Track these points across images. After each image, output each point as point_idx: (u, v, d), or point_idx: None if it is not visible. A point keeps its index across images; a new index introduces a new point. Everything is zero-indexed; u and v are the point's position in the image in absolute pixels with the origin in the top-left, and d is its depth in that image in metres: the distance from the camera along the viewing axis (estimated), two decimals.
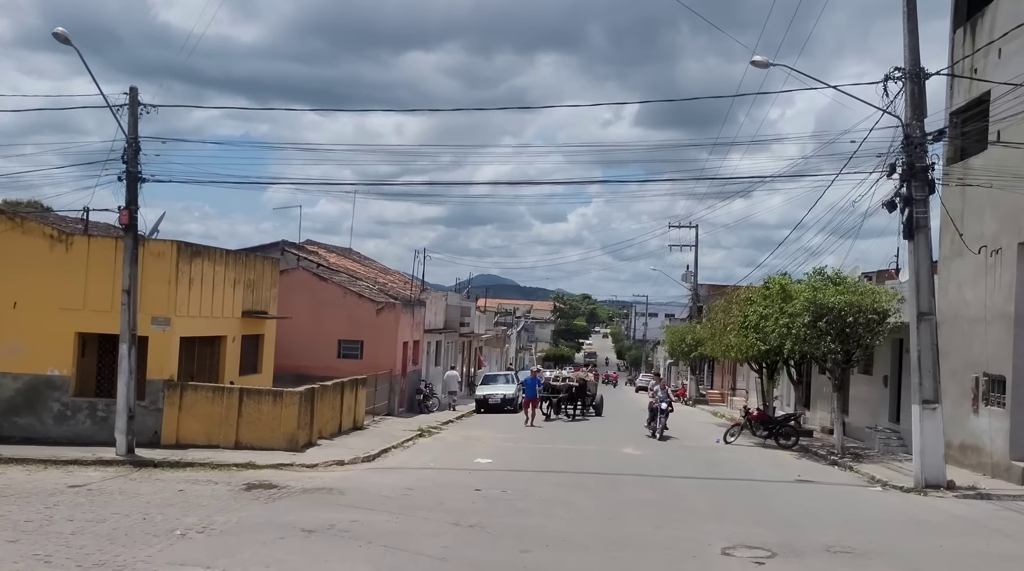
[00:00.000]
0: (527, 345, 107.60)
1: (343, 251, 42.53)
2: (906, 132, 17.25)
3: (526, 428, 26.48)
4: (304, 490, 14.50)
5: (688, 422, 34.57)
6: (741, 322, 25.74)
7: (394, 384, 29.40)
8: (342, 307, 29.42)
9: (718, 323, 30.21)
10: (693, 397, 52.57)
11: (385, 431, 24.54)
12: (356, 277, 33.89)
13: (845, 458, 21.48)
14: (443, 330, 37.79)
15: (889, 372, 24.64)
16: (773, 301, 23.32)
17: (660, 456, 21.07)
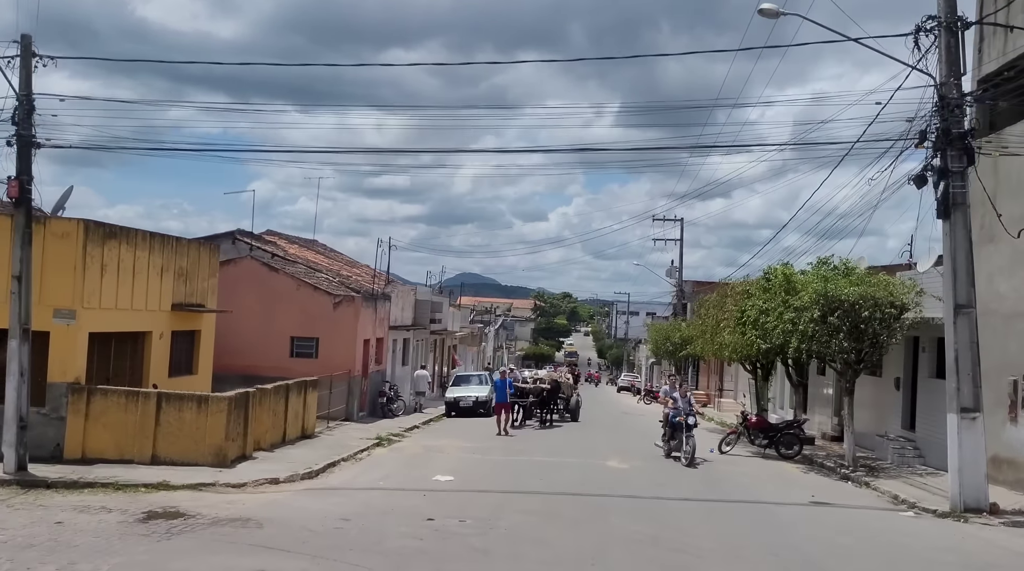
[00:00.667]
0: (506, 344, 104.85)
1: (307, 242, 39.62)
2: (940, 92, 14.67)
3: (497, 437, 23.70)
4: (215, 521, 11.69)
5: None
6: (738, 318, 23.13)
7: (353, 386, 26.60)
8: (295, 301, 26.57)
9: (709, 320, 27.60)
10: None
11: (338, 440, 21.72)
12: (315, 269, 31.01)
13: (858, 471, 18.91)
14: (411, 327, 34.98)
15: (902, 374, 22.09)
16: (775, 294, 20.71)
17: (651, 471, 18.40)
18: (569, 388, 29.75)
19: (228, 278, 26.27)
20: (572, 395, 30.01)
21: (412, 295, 35.69)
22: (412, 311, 35.56)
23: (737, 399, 44.58)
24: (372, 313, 28.70)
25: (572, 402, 30.01)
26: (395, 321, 32.28)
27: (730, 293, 25.75)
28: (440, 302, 40.13)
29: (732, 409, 44.04)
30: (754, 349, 21.96)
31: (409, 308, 35.05)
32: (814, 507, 14.52)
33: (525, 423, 27.28)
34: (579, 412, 30.60)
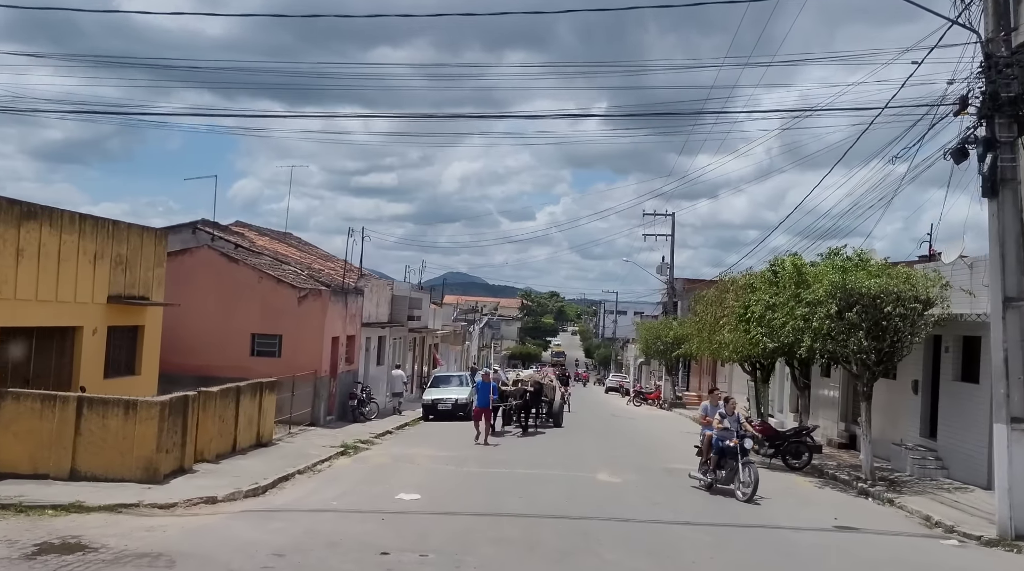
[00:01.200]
0: (492, 343, 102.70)
1: (279, 235, 37.29)
2: (986, 51, 12.64)
3: (475, 446, 21.52)
4: (118, 557, 9.50)
5: (670, 431, 29.92)
6: (741, 314, 21.05)
7: (320, 387, 24.39)
8: (257, 295, 24.34)
9: (708, 317, 25.53)
10: (669, 400, 48.02)
11: (298, 448, 19.53)
12: (283, 261, 28.75)
13: (877, 486, 16.88)
14: (388, 324, 32.79)
15: (921, 376, 20.08)
16: (784, 287, 18.64)
17: (645, 486, 16.28)
18: (552, 390, 27.39)
19: (182, 269, 24.07)
20: (556, 398, 27.75)
21: (388, 290, 33.50)
22: (388, 307, 33.37)
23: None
24: (342, 308, 26.49)
25: (556, 405, 27.64)
26: (369, 318, 30.08)
27: (731, 288, 23.68)
28: (419, 298, 37.92)
29: None
30: (759, 349, 19.89)
31: (385, 304, 32.85)
32: (840, 533, 12.43)
33: (505, 429, 25.17)
34: (563, 417, 28.31)
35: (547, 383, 27.09)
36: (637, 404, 48.16)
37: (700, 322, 26.76)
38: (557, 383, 28.73)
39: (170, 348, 23.52)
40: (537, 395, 25.73)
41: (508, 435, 24.49)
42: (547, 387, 26.84)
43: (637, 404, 48.16)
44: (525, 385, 25.29)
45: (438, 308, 49.81)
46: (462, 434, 23.44)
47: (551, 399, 27.24)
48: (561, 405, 28.41)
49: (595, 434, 26.84)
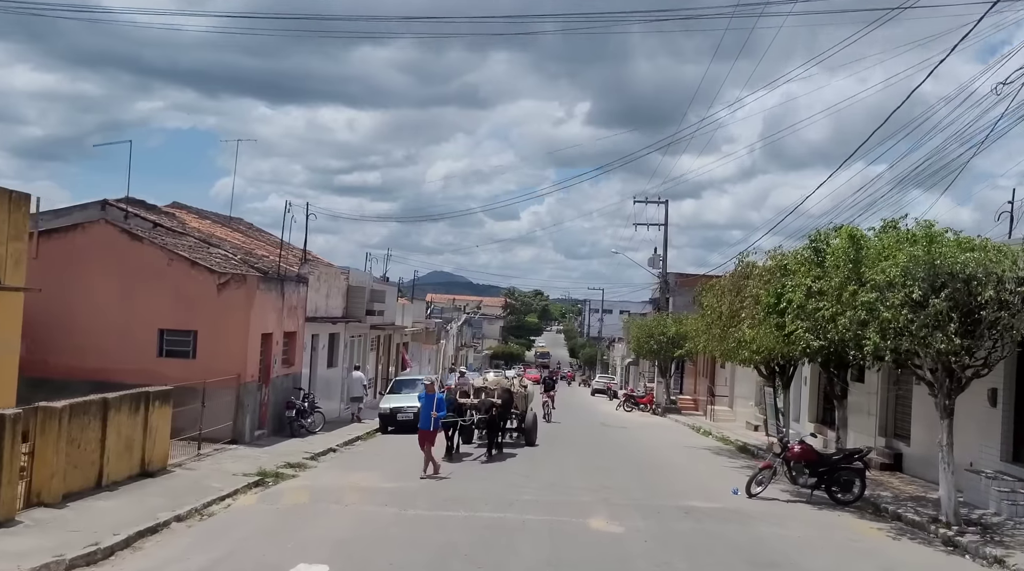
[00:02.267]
0: (472, 342, 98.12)
1: (222, 219, 32.45)
2: None
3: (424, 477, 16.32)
4: None
5: (670, 445, 25.45)
6: (771, 305, 16.54)
7: (244, 396, 19.73)
8: (167, 281, 19.66)
9: (720, 309, 21.03)
10: (663, 405, 43.59)
11: (195, 480, 14.90)
12: (213, 244, 24.04)
13: (968, 533, 12.47)
14: (341, 319, 28.17)
15: (1002, 384, 15.67)
16: (835, 269, 14.15)
17: (660, 540, 11.69)
18: (523, 400, 22.01)
19: (72, 250, 19.49)
20: (527, 409, 22.52)
21: (343, 280, 28.83)
22: (343, 300, 28.72)
23: (734, 407, 38.21)
24: (277, 299, 21.84)
25: (528, 420, 22.28)
26: (317, 311, 25.45)
27: (753, 273, 19.22)
28: (382, 291, 33.30)
29: (727, 419, 37.69)
30: (799, 347, 15.34)
31: (339, 296, 28.21)
32: None
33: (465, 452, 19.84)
34: (536, 432, 22.87)
35: (517, 391, 21.58)
36: (628, 409, 43.73)
37: (709, 317, 22.26)
38: (534, 389, 23.81)
39: (56, 347, 18.94)
40: (506, 407, 20.34)
41: (469, 459, 19.27)
42: (517, 396, 21.37)
43: (628, 409, 43.73)
44: (491, 395, 20.04)
45: (408, 303, 45.19)
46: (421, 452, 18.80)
47: (522, 410, 21.99)
48: (535, 419, 23.12)
49: (583, 451, 22.28)
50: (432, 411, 16.91)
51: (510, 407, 20.74)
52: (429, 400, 17.12)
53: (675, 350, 42.68)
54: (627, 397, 45.10)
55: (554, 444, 22.94)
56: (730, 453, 23.96)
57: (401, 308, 41.29)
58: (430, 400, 17.08)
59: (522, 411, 21.99)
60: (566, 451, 21.71)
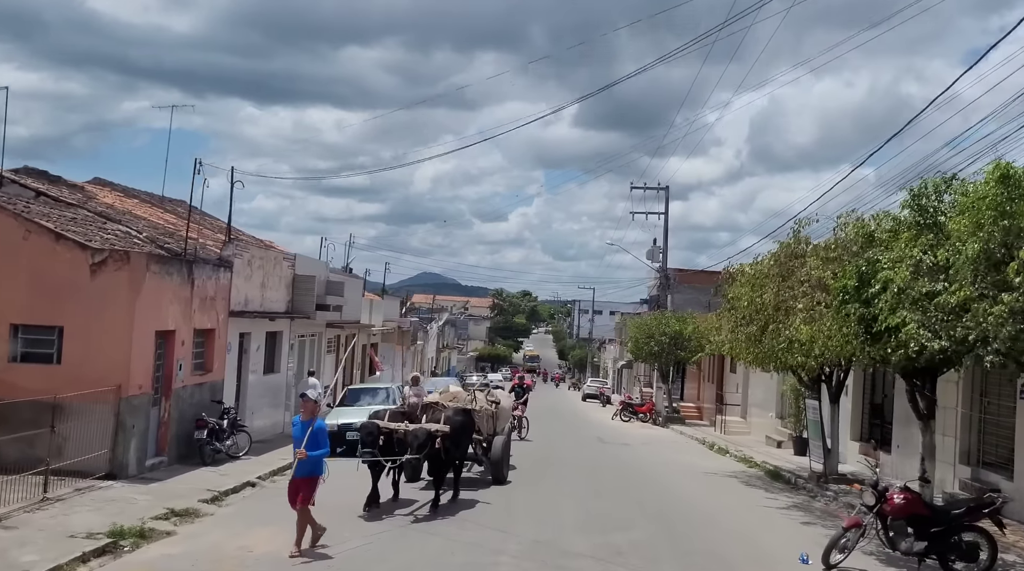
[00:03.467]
0: (456, 344, 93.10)
1: (155, 199, 27.28)
2: None
3: (295, 556, 10.20)
4: None
5: (686, 469, 20.52)
6: (850, 290, 11.56)
7: (128, 413, 14.72)
8: (21, 260, 14.67)
9: (762, 300, 16.03)
10: (663, 415, 38.72)
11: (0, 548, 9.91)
12: (109, 218, 18.95)
13: None
14: (285, 314, 23.21)
15: None
16: (980, 229, 9.21)
17: None
18: (490, 421, 15.81)
19: None
20: (497, 431, 16.15)
21: (287, 267, 23.78)
22: (287, 291, 23.73)
23: (748, 417, 33.39)
24: (183, 286, 16.82)
25: (495, 450, 15.86)
26: (247, 304, 20.45)
27: (812, 252, 14.33)
28: (339, 283, 28.28)
29: (741, 431, 32.85)
30: (906, 350, 10.35)
31: (281, 286, 23.20)
32: None
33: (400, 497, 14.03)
34: (507, 465, 16.59)
35: (482, 410, 15.41)
36: (625, 419, 38.83)
37: (741, 311, 17.30)
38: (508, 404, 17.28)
39: None
40: (460, 435, 13.95)
41: (411, 509, 13.28)
42: (482, 415, 15.37)
43: (625, 419, 38.83)
44: (441, 411, 13.99)
45: (377, 299, 40.20)
46: (367, 488, 13.69)
47: (490, 433, 15.87)
48: (505, 447, 16.40)
49: (578, 484, 16.94)
50: (304, 443, 10.46)
51: (467, 434, 14.50)
52: (303, 428, 10.66)
53: (679, 352, 37.96)
54: (624, 405, 40.20)
55: (539, 474, 17.88)
56: (762, 482, 19.10)
57: (369, 304, 36.30)
58: (304, 429, 10.65)
59: (488, 435, 15.92)
60: (555, 485, 16.58)
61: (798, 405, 25.16)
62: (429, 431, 13.10)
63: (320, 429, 10.66)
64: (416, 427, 13.25)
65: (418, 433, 13.02)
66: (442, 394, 15.75)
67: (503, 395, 17.68)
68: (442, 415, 13.89)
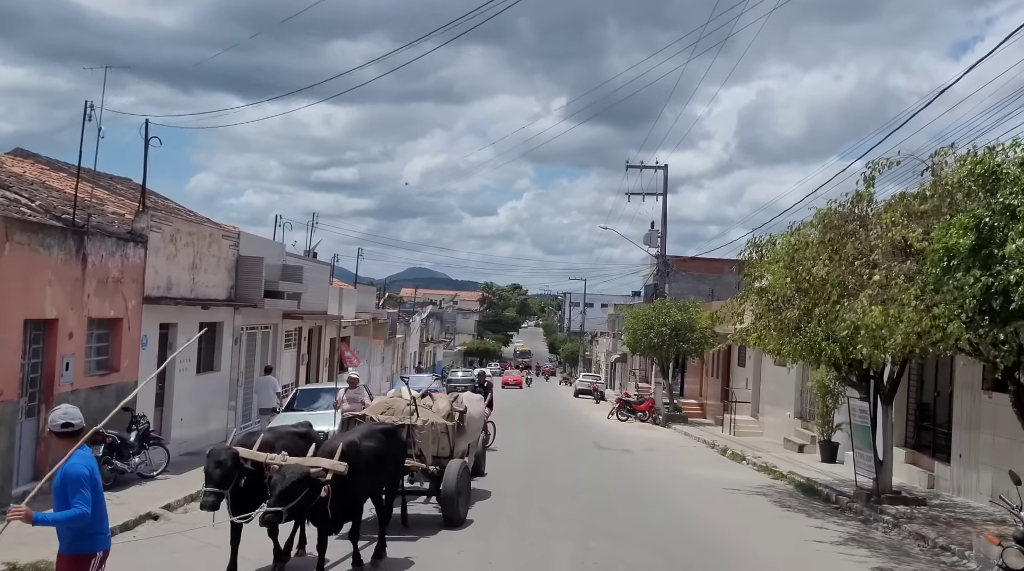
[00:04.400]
0: (443, 338, 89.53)
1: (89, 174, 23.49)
2: None
3: None
4: None
5: (701, 484, 17.00)
6: (965, 255, 8.06)
7: None
8: None
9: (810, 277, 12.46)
10: (664, 413, 35.29)
11: None
12: (4, 186, 15.38)
13: None
14: (225, 302, 19.67)
15: None
16: None
17: None
18: (444, 436, 11.84)
19: None
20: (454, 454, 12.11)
21: (228, 247, 20.17)
22: (229, 275, 20.16)
23: (760, 416, 29.98)
24: (69, 264, 13.27)
25: (448, 479, 11.33)
26: (170, 288, 16.89)
27: (890, 206, 10.87)
28: (298, 268, 24.71)
29: (752, 432, 29.44)
30: None
31: (220, 269, 19.63)
32: None
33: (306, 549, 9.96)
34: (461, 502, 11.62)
35: (429, 425, 11.59)
36: (623, 418, 35.40)
37: (776, 291, 13.80)
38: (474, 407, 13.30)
39: None
40: (372, 471, 9.11)
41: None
42: (428, 433, 11.52)
43: (623, 418, 35.40)
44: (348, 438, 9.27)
45: (349, 288, 36.64)
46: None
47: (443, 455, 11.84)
48: (461, 475, 11.57)
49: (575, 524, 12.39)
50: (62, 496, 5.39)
51: (382, 468, 9.47)
52: (62, 485, 5.37)
53: (682, 344, 34.57)
54: (621, 403, 36.72)
55: (521, 501, 14.26)
56: (799, 502, 15.67)
57: (338, 293, 32.75)
58: (63, 483, 5.37)
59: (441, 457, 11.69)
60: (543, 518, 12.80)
61: (825, 404, 21.80)
62: (305, 471, 8.15)
63: (75, 477, 5.33)
64: (289, 464, 8.33)
65: (287, 472, 8.11)
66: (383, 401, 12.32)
67: (474, 401, 13.74)
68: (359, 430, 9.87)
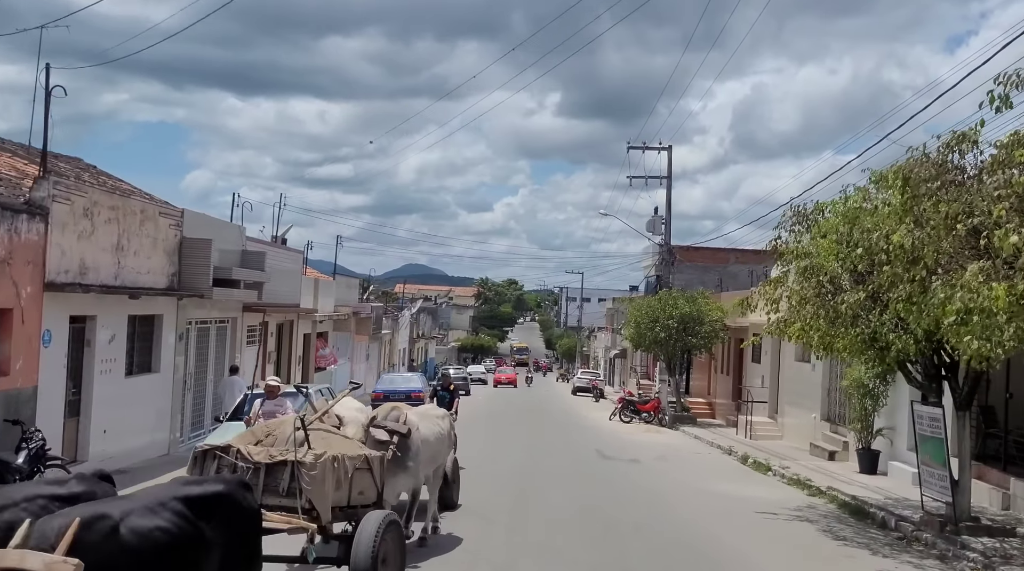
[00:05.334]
0: (436, 333, 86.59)
1: (30, 154, 20.57)
2: None
3: None
4: None
5: (727, 506, 13.97)
6: None
7: None
8: None
9: (882, 250, 9.48)
10: (670, 413, 32.40)
11: None
12: None
13: None
14: (166, 291, 16.71)
15: None
16: None
17: None
18: (341, 476, 7.49)
19: None
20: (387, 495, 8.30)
21: (168, 227, 17.16)
22: (170, 260, 17.19)
23: (780, 417, 27.10)
24: None
25: (363, 542, 6.97)
26: (84, 273, 13.93)
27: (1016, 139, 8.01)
28: (259, 253, 21.77)
29: (771, 434, 26.54)
30: None
31: (158, 252, 16.65)
32: None
33: None
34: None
35: (314, 462, 7.21)
36: (626, 419, 32.51)
37: (827, 270, 10.89)
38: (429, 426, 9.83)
39: None
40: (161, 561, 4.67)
41: None
42: (312, 472, 7.15)
43: (626, 419, 32.51)
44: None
45: (327, 279, 33.68)
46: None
47: (349, 507, 7.74)
48: (384, 531, 7.13)
49: None
50: None
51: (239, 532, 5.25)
52: None
53: (690, 339, 31.68)
54: (624, 403, 33.80)
55: (511, 539, 11.24)
56: (853, 531, 12.75)
57: (313, 284, 29.80)
58: None
59: (346, 509, 7.80)
60: None
61: (864, 407, 18.96)
62: None
63: None
64: None
65: None
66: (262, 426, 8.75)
67: (427, 418, 10.00)
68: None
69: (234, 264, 20.12)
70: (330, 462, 7.36)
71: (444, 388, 17.10)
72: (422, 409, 10.61)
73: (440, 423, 10.26)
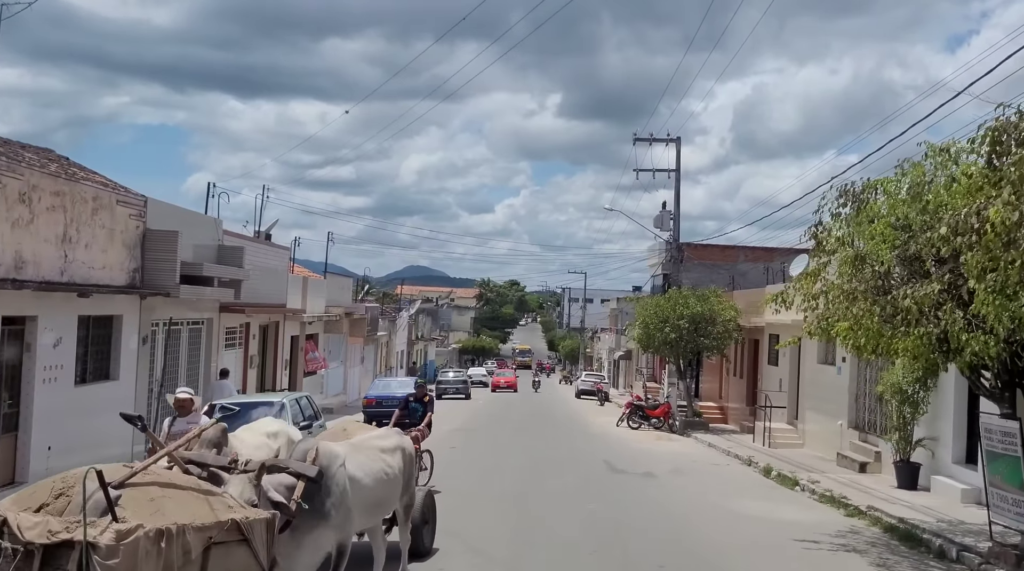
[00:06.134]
0: (436, 335, 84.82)
1: None
2: None
3: None
4: None
5: (760, 536, 12.15)
6: None
7: None
8: None
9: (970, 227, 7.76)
10: (681, 419, 30.60)
11: None
12: None
13: None
14: (125, 289, 14.96)
15: None
16: None
17: None
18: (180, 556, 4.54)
19: None
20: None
21: (125, 215, 15.38)
22: (131, 254, 15.42)
23: (800, 423, 25.27)
24: None
25: None
26: (18, 267, 12.16)
27: None
28: (237, 248, 20.00)
29: (791, 442, 24.68)
30: None
31: (114, 245, 14.89)
32: None
33: None
34: None
35: (110, 543, 4.24)
36: (634, 425, 30.71)
37: (881, 259, 9.12)
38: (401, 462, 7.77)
39: None
40: None
41: None
42: (116, 557, 4.20)
43: (634, 425, 30.71)
44: None
45: (317, 277, 31.91)
46: None
47: None
48: None
49: None
50: None
51: None
52: None
53: (702, 340, 29.89)
54: (633, 408, 31.97)
55: None
56: (909, 562, 10.95)
57: (301, 283, 28.03)
58: None
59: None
60: None
61: (901, 415, 17.14)
62: None
63: None
64: None
65: None
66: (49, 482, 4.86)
67: (370, 448, 7.57)
68: None
69: (208, 260, 18.38)
70: (149, 541, 4.43)
71: (417, 399, 14.08)
72: (361, 439, 7.79)
73: (385, 459, 7.57)
